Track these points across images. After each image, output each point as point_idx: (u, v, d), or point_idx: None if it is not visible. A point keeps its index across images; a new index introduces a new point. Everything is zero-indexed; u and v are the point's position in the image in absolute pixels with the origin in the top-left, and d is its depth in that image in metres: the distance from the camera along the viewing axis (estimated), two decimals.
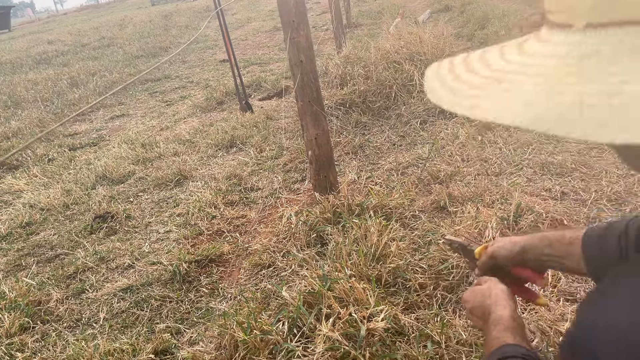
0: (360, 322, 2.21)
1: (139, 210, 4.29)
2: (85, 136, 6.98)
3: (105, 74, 10.37)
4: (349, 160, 4.45)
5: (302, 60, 3.26)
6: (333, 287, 2.45)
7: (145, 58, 12.01)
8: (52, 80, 10.44)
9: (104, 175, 5.09)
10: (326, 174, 3.59)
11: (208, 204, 4.06)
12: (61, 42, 17.38)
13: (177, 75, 10.01)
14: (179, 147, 5.58)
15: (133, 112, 7.88)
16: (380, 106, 5.29)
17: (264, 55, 10.42)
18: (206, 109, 7.14)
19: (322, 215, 3.31)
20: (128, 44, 14.29)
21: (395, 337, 2.26)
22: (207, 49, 12.50)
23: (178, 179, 4.73)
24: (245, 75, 8.28)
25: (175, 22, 18.04)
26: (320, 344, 2.12)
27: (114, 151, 5.77)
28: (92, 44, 15.73)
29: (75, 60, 13.16)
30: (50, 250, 3.88)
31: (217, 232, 3.71)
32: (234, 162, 4.94)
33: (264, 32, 13.54)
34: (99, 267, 3.49)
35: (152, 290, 3.12)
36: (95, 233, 4.01)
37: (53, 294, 3.21)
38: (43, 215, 4.46)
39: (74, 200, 4.62)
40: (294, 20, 3.19)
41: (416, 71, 5.42)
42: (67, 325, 2.94)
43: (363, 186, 3.81)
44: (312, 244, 3.16)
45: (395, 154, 4.35)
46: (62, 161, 5.82)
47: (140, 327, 2.80)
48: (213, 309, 2.88)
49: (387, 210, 3.28)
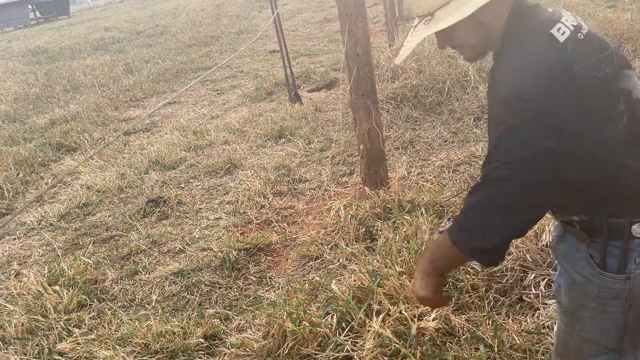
0: (411, 320, 2.19)
1: (189, 197, 4.38)
2: (139, 122, 7.17)
3: (159, 62, 10.62)
4: (399, 156, 4.40)
5: (358, 53, 3.24)
6: (383, 284, 2.44)
7: (197, 47, 12.21)
8: (108, 66, 10.77)
9: (157, 161, 5.22)
10: (377, 168, 3.57)
11: (257, 193, 4.10)
12: (117, 29, 17.88)
13: (227, 65, 10.14)
14: (229, 135, 5.66)
15: (184, 100, 8.04)
16: (432, 101, 5.20)
17: (314, 46, 10.42)
18: (256, 99, 7.21)
19: (372, 210, 3.29)
20: (181, 32, 14.57)
21: (446, 338, 2.23)
22: (257, 39, 12.59)
23: (228, 167, 4.80)
24: (295, 66, 8.29)
25: (226, 11, 18.26)
26: (370, 340, 2.11)
27: (166, 137, 5.90)
28: (146, 32, 16.12)
29: (130, 47, 13.52)
30: (105, 231, 4.03)
31: (265, 221, 3.75)
32: (283, 152, 4.97)
33: (314, 23, 13.53)
34: (151, 250, 3.60)
35: (202, 275, 3.19)
36: (148, 217, 4.12)
37: (108, 274, 3.33)
38: (99, 197, 4.63)
39: (127, 184, 4.77)
40: (352, 12, 3.16)
41: (471, 66, 5.29)
42: (121, 305, 3.05)
43: (413, 182, 3.76)
44: (361, 238, 3.15)
45: (447, 151, 4.28)
46: (117, 145, 6.00)
47: (191, 311, 2.86)
48: (261, 298, 2.91)
49: (438, 208, 3.22)
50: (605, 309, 1.28)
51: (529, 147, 1.08)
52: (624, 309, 1.26)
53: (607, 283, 1.25)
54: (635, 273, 1.22)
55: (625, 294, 1.24)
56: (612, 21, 5.97)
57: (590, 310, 1.31)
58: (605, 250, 1.24)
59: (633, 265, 1.22)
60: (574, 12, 5.51)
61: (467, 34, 1.26)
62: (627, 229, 1.20)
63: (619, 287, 1.24)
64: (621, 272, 1.23)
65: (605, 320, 1.30)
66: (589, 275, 1.28)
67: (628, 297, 1.25)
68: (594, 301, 1.29)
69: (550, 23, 1.18)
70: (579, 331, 1.36)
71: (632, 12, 6.42)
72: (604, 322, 1.30)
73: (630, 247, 1.22)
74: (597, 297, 1.28)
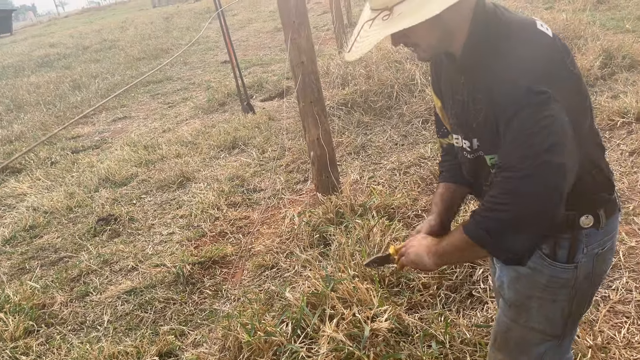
0: (364, 322, 2.22)
1: (142, 213, 4.30)
2: (88, 139, 7.00)
3: (107, 77, 10.40)
4: (351, 161, 4.45)
5: (303, 62, 3.26)
6: (336, 288, 2.45)
7: (147, 60, 12.03)
8: (54, 83, 10.48)
9: (107, 178, 5.10)
10: (328, 174, 3.59)
11: (211, 205, 4.06)
12: (63, 44, 17.43)
13: (178, 77, 10.03)
14: (182, 149, 5.59)
15: (135, 114, 7.89)
16: (382, 106, 5.29)
17: (266, 56, 10.43)
18: (208, 111, 7.15)
19: (325, 216, 3.31)
20: (130, 46, 14.32)
21: (399, 337, 2.26)
22: (208, 50, 12.52)
23: (181, 181, 4.74)
24: (247, 76, 8.28)
25: (176, 24, 18.08)
26: (324, 345, 2.12)
27: (117, 154, 5.78)
28: (93, 47, 15.77)
29: (77, 63, 13.20)
30: (54, 253, 3.90)
31: (220, 233, 3.72)
32: (236, 163, 4.94)
33: (265, 33, 13.55)
34: (102, 270, 3.50)
35: (155, 292, 3.13)
36: (99, 236, 4.02)
37: (57, 297, 3.22)
38: (46, 218, 4.48)
39: (77, 203, 4.63)
40: (295, 20, 3.19)
41: (417, 70, 5.41)
42: (71, 328, 2.95)
43: (365, 186, 3.80)
44: (315, 244, 3.16)
45: (398, 154, 4.35)
46: (65, 164, 5.83)
47: (145, 329, 2.80)
48: (217, 311, 2.88)
49: (390, 210, 3.27)
50: (554, 298, 1.33)
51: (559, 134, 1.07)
52: (570, 297, 1.32)
53: (556, 272, 1.29)
54: (582, 262, 1.28)
55: (572, 282, 1.30)
56: (549, 22, 6.21)
57: (537, 300, 1.34)
58: (555, 241, 1.28)
59: (580, 255, 1.28)
60: None
61: (427, 33, 1.20)
62: (576, 220, 1.24)
63: (567, 276, 1.29)
64: (570, 262, 1.28)
65: (553, 309, 1.34)
66: (537, 267, 1.31)
67: (574, 285, 1.30)
68: (543, 291, 1.33)
69: (530, 19, 1.19)
70: (524, 322, 1.39)
71: (567, 13, 6.71)
72: (551, 311, 1.35)
73: (579, 238, 1.26)
74: (545, 286, 1.32)
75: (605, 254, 1.31)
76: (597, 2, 8.33)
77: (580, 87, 1.18)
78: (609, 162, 1.36)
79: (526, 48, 1.14)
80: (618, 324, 2.24)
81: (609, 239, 1.31)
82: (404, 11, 1.12)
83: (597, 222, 1.25)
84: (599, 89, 4.83)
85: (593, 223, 1.25)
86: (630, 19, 7.06)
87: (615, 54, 5.19)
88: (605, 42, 5.41)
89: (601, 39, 5.64)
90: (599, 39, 5.60)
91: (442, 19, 1.14)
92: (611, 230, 1.31)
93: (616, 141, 3.84)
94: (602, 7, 8.14)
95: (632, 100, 4.19)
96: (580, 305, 1.36)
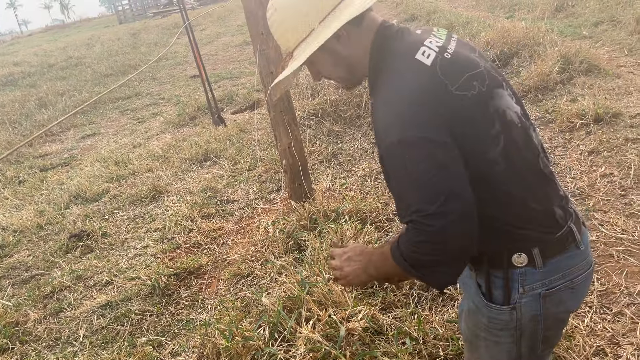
0: (340, 322, 2.27)
1: (114, 228, 4.27)
2: (57, 156, 6.90)
3: (75, 94, 10.27)
4: (323, 169, 4.52)
5: (272, 72, 3.33)
6: (312, 291, 2.50)
7: (114, 76, 11.94)
8: (19, 102, 10.29)
9: (78, 195, 5.04)
10: (301, 182, 3.65)
11: (184, 217, 4.07)
12: (27, 63, 17.14)
13: (147, 93, 9.98)
14: (153, 163, 5.58)
15: (104, 131, 7.83)
16: (352, 115, 5.39)
17: (235, 69, 10.47)
18: (178, 125, 7.15)
19: (299, 223, 3.36)
20: (96, 63, 14.18)
21: (375, 336, 2.32)
22: (177, 65, 12.50)
23: (153, 195, 4.73)
24: (217, 89, 8.31)
25: (143, 39, 17.98)
26: (302, 346, 2.16)
27: (87, 170, 5.72)
28: (59, 64, 15.55)
29: (43, 81, 12.99)
30: (25, 271, 3.84)
31: (194, 245, 3.73)
32: (209, 175, 4.96)
33: (234, 46, 13.61)
34: (76, 286, 3.47)
35: (131, 305, 3.12)
36: (71, 252, 3.98)
37: (30, 315, 3.18)
38: (16, 237, 4.40)
39: (47, 221, 4.57)
40: (263, 32, 3.26)
41: None
42: (46, 345, 2.92)
43: (338, 193, 3.87)
44: (290, 250, 3.20)
45: (368, 161, 4.44)
46: (33, 182, 5.74)
47: (121, 342, 2.79)
48: (194, 320, 2.89)
49: (362, 215, 3.34)
50: (497, 340, 1.25)
51: (444, 185, 1.04)
52: (515, 339, 1.23)
53: (494, 314, 1.22)
54: (521, 302, 1.19)
55: (513, 324, 1.21)
56: (509, 30, 6.45)
57: (483, 340, 1.28)
58: (489, 280, 1.21)
59: (517, 295, 1.19)
60: (475, 23, 5.87)
61: (331, 67, 1.27)
62: (505, 258, 1.18)
63: (505, 318, 1.21)
64: (506, 303, 1.20)
65: (498, 351, 1.27)
66: (479, 305, 1.25)
67: (517, 327, 1.22)
68: (485, 332, 1.26)
69: (413, 47, 1.15)
70: (477, 359, 1.34)
71: (527, 21, 6.97)
72: (497, 353, 1.27)
73: (512, 277, 1.18)
74: (487, 327, 1.25)
75: (558, 294, 1.20)
76: (555, 10, 8.67)
77: (475, 114, 1.11)
78: (570, 162, 1.32)
79: (396, 92, 1.12)
80: (581, 314, 2.35)
81: (560, 278, 1.19)
82: (296, 54, 1.24)
83: (532, 261, 1.17)
84: (558, 92, 5.03)
85: (528, 262, 1.17)
86: (586, 25, 7.38)
87: (573, 59, 5.41)
88: (563, 48, 5.63)
89: (559, 45, 5.87)
90: (557, 46, 5.83)
91: (340, 55, 1.23)
92: (561, 268, 1.19)
93: (576, 142, 4.00)
94: (560, 15, 8.47)
95: (589, 102, 4.39)
96: (532, 347, 1.25)
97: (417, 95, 1.09)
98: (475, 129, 1.11)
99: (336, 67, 1.27)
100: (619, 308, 2.35)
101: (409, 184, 1.07)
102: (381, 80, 1.18)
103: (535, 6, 9.15)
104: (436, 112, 1.07)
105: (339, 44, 1.21)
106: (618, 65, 5.57)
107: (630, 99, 4.56)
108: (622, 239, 2.80)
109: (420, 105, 1.08)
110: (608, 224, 2.95)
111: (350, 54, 1.24)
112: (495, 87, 1.16)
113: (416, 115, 1.07)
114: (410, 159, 1.06)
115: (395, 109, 1.10)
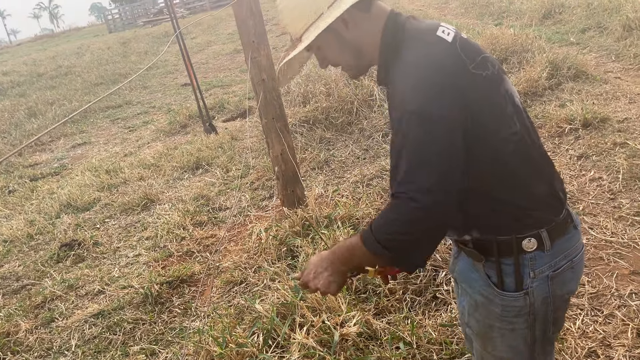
0: (334, 328, 2.27)
1: (106, 237, 4.25)
2: (47, 166, 6.87)
3: (65, 103, 10.24)
4: (316, 175, 4.53)
5: (264, 79, 3.34)
6: (305, 297, 2.50)
7: (105, 85, 11.91)
8: (8, 112, 10.23)
9: (69, 204, 5.02)
10: (293, 188, 3.66)
11: (176, 225, 4.06)
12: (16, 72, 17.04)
13: (138, 101, 9.97)
14: (144, 171, 5.56)
15: (95, 140, 7.80)
16: (343, 121, 5.41)
17: (226, 77, 10.49)
18: (170, 133, 7.14)
19: (292, 229, 3.36)
20: (86, 72, 14.13)
21: (368, 341, 2.32)
22: (167, 73, 12.49)
23: (145, 203, 4.71)
24: (208, 97, 8.31)
25: (134, 48, 17.95)
26: (296, 352, 2.16)
27: (78, 179, 5.69)
28: (49, 74, 15.47)
29: (32, 90, 12.93)
30: (15, 281, 3.81)
31: (187, 252, 3.72)
32: (201, 183, 4.95)
33: (225, 55, 13.63)
34: (68, 295, 3.45)
35: (124, 313, 3.10)
36: (62, 261, 3.95)
37: (22, 325, 3.15)
38: (6, 247, 4.37)
39: (38, 230, 4.54)
40: (254, 40, 3.27)
41: (376, 86, 5.57)
42: (38, 355, 2.89)
43: (330, 199, 3.88)
44: (283, 257, 3.20)
45: (360, 167, 4.46)
46: (23, 192, 5.71)
47: (114, 351, 2.78)
48: (187, 328, 2.88)
49: (354, 221, 3.35)
50: (513, 327, 1.27)
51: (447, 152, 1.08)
52: (529, 324, 1.26)
53: (507, 302, 1.24)
54: (533, 287, 1.22)
55: (527, 309, 1.24)
56: (497, 37, 6.52)
57: (498, 329, 1.29)
58: (500, 269, 1.23)
59: (529, 280, 1.22)
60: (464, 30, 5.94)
61: (338, 52, 1.29)
62: (514, 244, 1.21)
63: (520, 304, 1.24)
64: (519, 289, 1.23)
65: (514, 338, 1.29)
66: (489, 296, 1.27)
67: (531, 312, 1.24)
68: (500, 321, 1.28)
69: (432, 26, 1.20)
70: (491, 351, 1.35)
71: (515, 28, 7.05)
72: (513, 340, 1.29)
73: (523, 263, 1.22)
74: (500, 316, 1.27)
75: (562, 275, 1.25)
76: (543, 18, 8.77)
77: (492, 90, 1.17)
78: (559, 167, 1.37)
79: (422, 52, 1.16)
80: (573, 316, 2.37)
81: (563, 258, 1.24)
82: (303, 39, 1.25)
83: (541, 245, 1.21)
84: (547, 98, 5.08)
85: (537, 245, 1.21)
86: (574, 32, 7.48)
87: (561, 65, 5.48)
88: (551, 55, 5.70)
89: (547, 51, 5.94)
90: (545, 52, 5.90)
91: (347, 40, 1.26)
92: (564, 249, 1.24)
93: (565, 147, 4.05)
94: (548, 22, 8.57)
95: (577, 108, 4.44)
96: (545, 330, 1.29)
97: (441, 66, 1.13)
98: (491, 107, 1.17)
99: (343, 52, 1.29)
100: (610, 310, 2.37)
101: (412, 154, 1.09)
102: (403, 54, 1.18)
103: (523, 13, 9.26)
104: (456, 86, 1.11)
105: (346, 29, 1.24)
106: (605, 70, 5.65)
107: (618, 103, 4.62)
108: (611, 242, 2.83)
109: (443, 76, 1.11)
110: (598, 227, 2.98)
111: (357, 39, 1.26)
112: (503, 73, 1.23)
113: (438, 88, 1.10)
114: (421, 131, 1.08)
115: (420, 73, 1.13)
